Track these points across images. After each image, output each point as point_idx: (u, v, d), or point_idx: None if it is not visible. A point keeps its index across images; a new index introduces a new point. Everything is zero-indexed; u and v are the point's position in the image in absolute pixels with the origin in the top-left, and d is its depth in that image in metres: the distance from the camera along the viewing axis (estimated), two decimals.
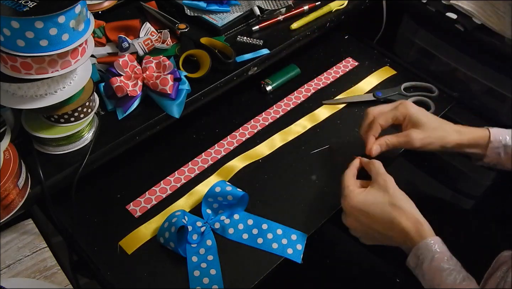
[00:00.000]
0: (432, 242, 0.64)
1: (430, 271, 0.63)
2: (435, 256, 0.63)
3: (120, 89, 0.75)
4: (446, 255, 0.63)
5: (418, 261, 0.64)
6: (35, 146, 0.71)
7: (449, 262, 0.63)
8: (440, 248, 0.64)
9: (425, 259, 0.63)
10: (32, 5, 0.56)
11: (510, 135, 0.76)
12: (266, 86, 0.98)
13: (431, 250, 0.63)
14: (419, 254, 0.64)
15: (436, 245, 0.64)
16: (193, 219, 0.75)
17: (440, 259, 0.63)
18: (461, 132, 0.77)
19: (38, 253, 0.67)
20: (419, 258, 0.64)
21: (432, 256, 0.63)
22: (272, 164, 0.85)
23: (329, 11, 0.99)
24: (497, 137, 0.75)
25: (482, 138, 0.76)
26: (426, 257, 0.63)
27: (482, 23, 0.95)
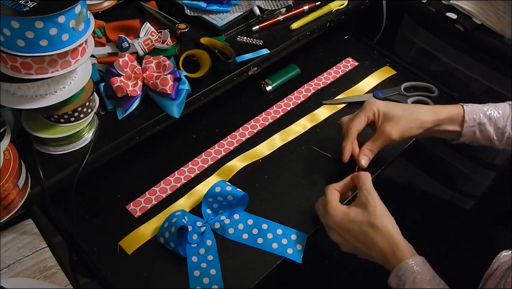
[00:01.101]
0: (413, 262, 0.62)
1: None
2: (417, 276, 0.61)
3: (120, 89, 0.75)
4: (428, 275, 0.62)
5: (400, 282, 0.63)
6: (35, 146, 0.71)
7: (432, 282, 0.61)
8: (422, 268, 0.62)
9: (406, 281, 0.62)
10: (32, 5, 0.56)
11: (483, 112, 0.76)
12: (266, 86, 0.98)
13: (412, 271, 0.62)
14: (400, 275, 0.63)
15: (416, 266, 0.62)
16: (193, 219, 0.75)
17: (422, 280, 0.61)
18: (435, 112, 0.77)
19: (38, 253, 0.67)
20: (400, 279, 0.63)
21: (414, 276, 0.61)
22: (272, 164, 0.85)
23: (329, 11, 0.99)
24: (471, 116, 0.76)
25: (457, 115, 0.77)
26: (408, 278, 0.62)
27: (482, 23, 0.95)
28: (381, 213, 0.67)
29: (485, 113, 0.76)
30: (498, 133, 0.76)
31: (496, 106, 0.77)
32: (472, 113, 0.76)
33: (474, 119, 0.76)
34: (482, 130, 0.76)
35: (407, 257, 0.63)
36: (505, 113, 0.76)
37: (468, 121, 0.76)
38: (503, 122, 0.76)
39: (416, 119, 0.76)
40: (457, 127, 0.77)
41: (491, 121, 0.76)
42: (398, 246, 0.64)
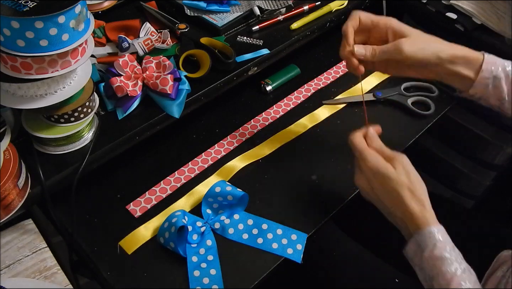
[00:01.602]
0: (436, 230, 0.62)
1: (430, 260, 0.61)
2: (437, 244, 0.61)
3: (120, 89, 0.75)
4: (448, 244, 0.61)
5: (418, 249, 0.62)
6: (35, 146, 0.71)
7: (451, 252, 0.61)
8: (443, 238, 0.62)
9: (426, 248, 0.61)
10: (32, 5, 0.56)
11: (503, 67, 0.71)
12: (266, 86, 0.98)
13: (433, 238, 0.61)
14: (420, 241, 0.62)
15: (439, 234, 0.62)
16: (193, 219, 0.75)
17: (441, 248, 0.60)
18: (454, 47, 0.72)
19: (38, 253, 0.67)
20: (420, 245, 0.62)
21: (434, 244, 0.61)
22: (272, 164, 0.85)
23: (329, 11, 0.99)
24: (489, 67, 0.70)
25: (475, 60, 0.71)
26: (427, 246, 0.61)
27: (482, 23, 0.95)
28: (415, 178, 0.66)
29: (505, 68, 0.70)
30: (510, 93, 0.71)
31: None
32: (491, 64, 0.70)
33: (491, 71, 0.70)
34: (496, 86, 0.71)
35: (432, 224, 0.62)
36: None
37: (484, 71, 0.70)
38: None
39: (434, 46, 0.71)
40: (472, 73, 0.71)
41: (508, 78, 0.70)
42: (428, 211, 0.64)
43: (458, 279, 0.58)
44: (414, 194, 0.65)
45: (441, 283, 0.59)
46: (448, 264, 0.59)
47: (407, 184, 0.65)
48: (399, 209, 0.65)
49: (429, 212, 0.64)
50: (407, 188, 0.65)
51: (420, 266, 0.62)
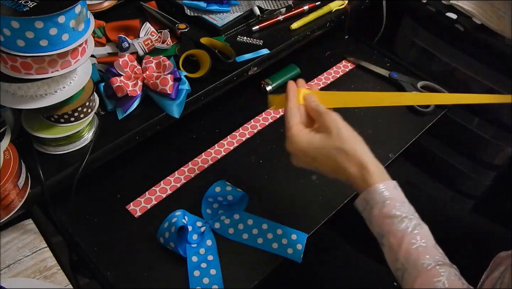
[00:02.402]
0: (384, 188, 0.59)
1: (379, 218, 0.59)
2: (386, 202, 0.59)
3: (120, 89, 0.75)
4: (398, 200, 0.59)
5: (367, 205, 0.60)
6: (35, 146, 0.71)
7: (401, 208, 0.59)
8: (392, 194, 0.59)
9: (374, 205, 0.59)
10: (32, 5, 0.56)
11: None
12: (266, 86, 0.98)
13: (381, 196, 0.59)
14: (368, 198, 0.60)
15: (386, 191, 0.59)
16: (193, 219, 0.75)
17: (391, 206, 0.58)
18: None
19: (38, 253, 0.67)
20: (368, 202, 0.60)
21: (383, 201, 0.59)
22: (272, 163, 0.85)
23: (329, 11, 0.99)
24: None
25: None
26: (376, 203, 0.59)
27: (482, 23, 0.95)
28: (347, 134, 0.63)
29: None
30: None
31: None
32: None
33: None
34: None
35: (377, 181, 0.60)
36: None
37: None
38: None
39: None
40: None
41: None
42: (368, 170, 0.61)
43: (409, 237, 0.57)
44: (348, 154, 0.61)
45: (392, 242, 0.58)
46: (398, 222, 0.58)
47: (338, 146, 0.62)
48: (340, 174, 0.63)
49: (370, 169, 0.61)
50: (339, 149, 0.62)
51: (370, 221, 0.61)
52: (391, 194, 0.60)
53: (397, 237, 0.58)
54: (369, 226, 0.62)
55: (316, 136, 0.64)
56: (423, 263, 0.56)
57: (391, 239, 0.58)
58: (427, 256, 0.56)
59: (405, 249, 0.57)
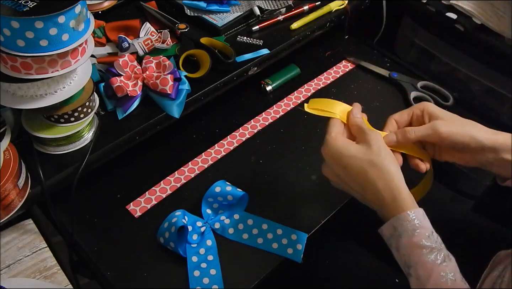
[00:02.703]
0: (414, 215, 0.57)
1: (408, 247, 0.57)
2: (416, 231, 0.56)
3: (120, 89, 0.75)
4: (427, 230, 0.57)
5: (395, 232, 0.58)
6: (35, 146, 0.71)
7: (431, 238, 0.57)
8: (422, 222, 0.57)
9: (403, 233, 0.57)
10: (32, 5, 0.56)
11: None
12: (266, 86, 0.98)
13: (412, 224, 0.57)
14: (397, 225, 0.58)
15: (417, 220, 0.57)
16: (193, 219, 0.75)
17: (421, 235, 0.56)
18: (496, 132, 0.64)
19: (38, 253, 0.67)
20: (397, 229, 0.58)
21: (413, 230, 0.56)
22: (272, 163, 0.85)
23: (329, 11, 0.99)
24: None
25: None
26: (405, 231, 0.57)
27: (482, 23, 0.95)
28: (386, 155, 0.60)
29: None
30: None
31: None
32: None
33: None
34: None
35: (408, 208, 0.58)
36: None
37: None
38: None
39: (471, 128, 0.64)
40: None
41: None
42: (400, 193, 0.58)
43: (438, 269, 0.55)
44: (381, 170, 0.59)
45: (420, 273, 0.56)
46: (427, 253, 0.56)
47: (374, 160, 0.60)
48: (369, 192, 0.60)
49: (402, 193, 0.59)
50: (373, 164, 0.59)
51: (397, 249, 0.59)
52: (421, 223, 0.58)
53: (427, 268, 0.56)
54: (395, 254, 0.60)
55: (354, 145, 0.62)
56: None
57: (419, 270, 0.56)
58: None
59: (434, 282, 0.55)
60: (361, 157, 0.60)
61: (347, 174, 0.62)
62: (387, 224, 0.59)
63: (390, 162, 0.60)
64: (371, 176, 0.59)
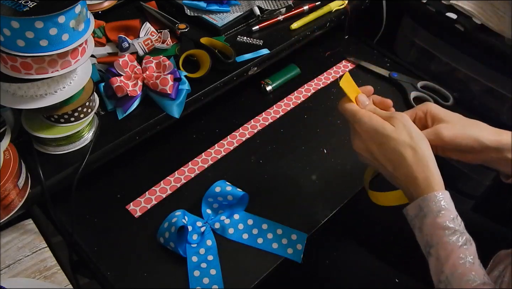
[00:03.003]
0: (442, 196, 0.58)
1: (431, 227, 0.58)
2: (441, 212, 0.57)
3: (120, 89, 0.75)
4: (452, 213, 0.58)
5: (421, 212, 0.59)
6: (35, 146, 0.71)
7: (455, 221, 0.58)
8: (448, 205, 0.58)
9: (429, 213, 0.58)
10: (32, 5, 0.56)
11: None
12: (266, 86, 0.98)
13: (438, 205, 0.58)
14: (423, 205, 0.59)
15: (443, 201, 0.58)
16: (193, 219, 0.75)
17: (446, 217, 0.57)
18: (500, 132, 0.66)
19: (38, 253, 0.67)
20: (422, 209, 0.59)
21: (438, 211, 0.57)
22: (272, 163, 0.85)
23: (329, 11, 0.99)
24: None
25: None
26: (431, 211, 0.58)
27: (482, 23, 0.95)
28: (419, 137, 0.61)
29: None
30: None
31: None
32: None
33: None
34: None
35: (437, 189, 0.59)
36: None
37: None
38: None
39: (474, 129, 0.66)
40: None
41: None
42: (433, 174, 0.59)
43: (458, 251, 0.56)
44: (417, 153, 0.60)
45: (440, 253, 0.57)
46: (449, 235, 0.57)
47: (409, 142, 0.60)
48: (401, 171, 0.61)
49: (434, 174, 0.60)
50: (409, 146, 0.60)
51: (421, 229, 0.60)
52: (448, 205, 0.58)
53: (447, 249, 0.57)
54: (417, 234, 0.60)
55: (389, 125, 0.62)
56: (468, 280, 0.55)
57: (439, 251, 0.57)
58: (473, 273, 0.55)
59: (452, 263, 0.56)
60: (396, 137, 0.61)
61: (382, 152, 0.62)
62: (413, 203, 0.60)
63: (424, 144, 0.61)
64: (406, 156, 0.60)
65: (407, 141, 0.61)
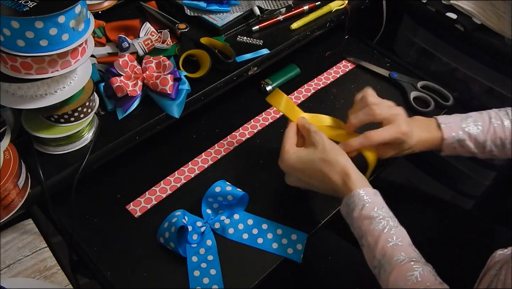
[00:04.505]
0: (363, 192, 0.65)
1: (358, 219, 0.64)
2: (366, 204, 0.64)
3: (120, 89, 0.75)
4: (377, 204, 0.64)
5: (349, 209, 0.65)
6: (35, 146, 0.71)
7: (379, 211, 0.63)
8: (372, 199, 0.64)
9: (354, 208, 0.64)
10: (32, 5, 0.56)
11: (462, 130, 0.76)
12: (266, 86, 0.98)
13: (361, 199, 0.64)
14: (349, 202, 0.65)
15: (366, 196, 0.65)
16: (193, 219, 0.75)
17: (370, 208, 0.63)
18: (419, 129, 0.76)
19: (38, 253, 0.67)
20: (349, 206, 0.65)
21: (363, 204, 0.64)
22: (272, 163, 0.85)
23: (329, 11, 0.99)
24: (449, 136, 0.76)
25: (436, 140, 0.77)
26: (356, 206, 0.64)
27: (482, 23, 0.95)
28: (331, 147, 0.69)
29: (464, 130, 0.76)
30: (478, 147, 0.76)
31: (475, 121, 0.76)
32: (450, 132, 0.76)
33: (453, 137, 0.76)
34: (463, 146, 0.76)
35: (358, 187, 0.65)
36: (484, 128, 0.76)
37: (447, 139, 0.76)
38: (483, 137, 0.75)
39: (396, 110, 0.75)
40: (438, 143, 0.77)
41: (470, 137, 0.76)
42: (350, 177, 0.66)
43: (385, 235, 0.61)
44: (331, 163, 0.68)
45: (369, 241, 0.62)
46: (376, 223, 0.62)
47: (322, 157, 0.68)
48: (328, 185, 0.69)
49: (354, 177, 0.66)
50: (323, 161, 0.68)
51: (351, 224, 0.66)
52: (371, 198, 0.65)
53: (374, 236, 0.62)
54: (352, 229, 0.66)
55: (304, 150, 0.71)
56: (397, 259, 0.59)
57: (369, 238, 0.62)
58: (402, 253, 0.59)
59: (381, 247, 0.61)
60: (311, 158, 0.69)
61: (306, 176, 0.70)
62: (342, 204, 0.68)
63: (336, 154, 0.69)
64: (324, 170, 0.68)
65: (321, 157, 0.68)
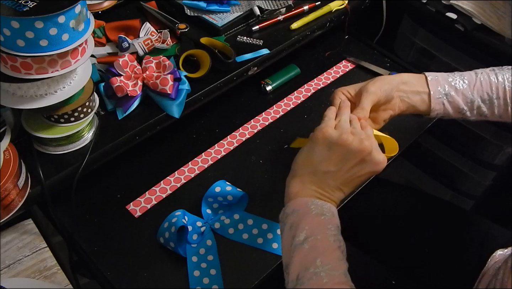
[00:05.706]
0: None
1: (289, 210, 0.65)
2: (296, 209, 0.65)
3: (120, 89, 0.75)
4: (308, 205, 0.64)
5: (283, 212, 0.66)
6: (35, 146, 0.71)
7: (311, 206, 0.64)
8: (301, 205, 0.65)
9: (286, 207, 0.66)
10: (32, 5, 0.56)
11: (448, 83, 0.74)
12: (266, 86, 0.98)
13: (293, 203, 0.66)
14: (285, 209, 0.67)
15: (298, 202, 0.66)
16: (193, 219, 0.75)
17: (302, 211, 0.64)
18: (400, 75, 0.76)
19: (38, 253, 0.67)
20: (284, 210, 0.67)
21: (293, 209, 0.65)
22: (272, 163, 0.85)
23: (329, 11, 0.99)
24: (436, 87, 0.74)
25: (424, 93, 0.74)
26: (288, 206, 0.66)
27: (482, 23, 0.95)
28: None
29: (450, 84, 0.74)
30: (467, 104, 0.74)
31: (461, 76, 0.75)
32: (436, 84, 0.74)
33: (439, 92, 0.74)
34: (451, 101, 0.74)
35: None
36: (471, 82, 0.74)
37: (434, 92, 0.73)
38: (470, 91, 0.73)
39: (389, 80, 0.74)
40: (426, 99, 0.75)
41: (457, 91, 0.74)
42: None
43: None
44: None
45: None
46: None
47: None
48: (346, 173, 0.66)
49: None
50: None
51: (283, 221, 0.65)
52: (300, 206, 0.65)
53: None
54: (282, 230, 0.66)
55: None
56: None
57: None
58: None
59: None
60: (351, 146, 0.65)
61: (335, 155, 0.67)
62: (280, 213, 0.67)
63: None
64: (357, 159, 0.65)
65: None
